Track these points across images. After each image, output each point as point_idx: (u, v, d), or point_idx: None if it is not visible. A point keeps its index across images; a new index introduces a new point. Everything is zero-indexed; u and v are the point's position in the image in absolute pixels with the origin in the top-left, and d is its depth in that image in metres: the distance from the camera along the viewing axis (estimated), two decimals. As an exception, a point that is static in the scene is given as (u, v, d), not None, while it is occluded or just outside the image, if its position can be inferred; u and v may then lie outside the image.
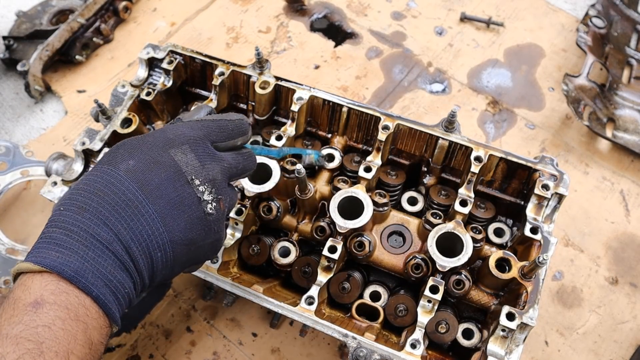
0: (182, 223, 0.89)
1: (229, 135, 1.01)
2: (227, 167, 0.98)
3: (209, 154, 0.95)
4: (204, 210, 0.91)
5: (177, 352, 1.59)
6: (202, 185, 0.91)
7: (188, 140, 0.94)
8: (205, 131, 0.97)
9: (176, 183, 0.89)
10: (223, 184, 0.97)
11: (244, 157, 1.04)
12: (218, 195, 0.94)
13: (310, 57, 2.16)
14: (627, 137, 1.92)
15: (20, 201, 1.86)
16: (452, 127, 1.35)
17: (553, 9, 2.30)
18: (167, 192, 0.88)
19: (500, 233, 1.40)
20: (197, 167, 0.92)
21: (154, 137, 0.94)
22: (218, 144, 0.99)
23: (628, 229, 1.78)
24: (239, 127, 1.03)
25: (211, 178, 0.93)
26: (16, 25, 2.19)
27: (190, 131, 0.96)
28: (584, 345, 1.59)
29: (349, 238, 1.26)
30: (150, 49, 1.53)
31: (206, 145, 0.96)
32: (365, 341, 1.16)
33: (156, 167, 0.89)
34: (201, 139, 0.96)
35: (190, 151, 0.92)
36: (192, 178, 0.90)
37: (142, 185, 0.86)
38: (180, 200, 0.89)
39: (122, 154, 0.90)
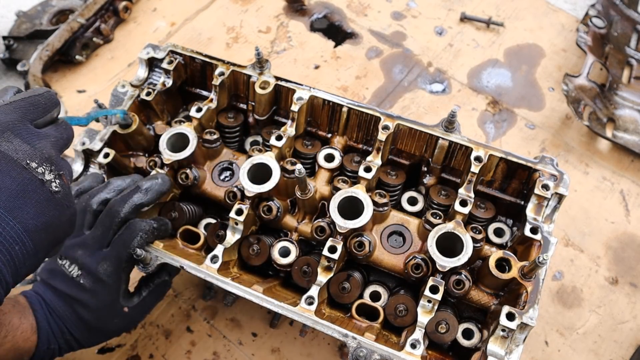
0: (32, 210, 0.86)
1: (44, 110, 0.98)
2: (55, 142, 0.96)
3: (34, 133, 0.92)
4: (50, 190, 0.89)
5: (177, 352, 1.59)
6: (40, 166, 0.89)
7: (7, 126, 0.89)
8: (20, 112, 0.93)
9: (12, 173, 0.85)
10: (58, 159, 0.95)
11: (64, 128, 1.02)
12: (59, 171, 0.92)
13: (310, 57, 2.16)
14: (627, 137, 1.92)
15: (20, 201, 1.85)
16: (452, 127, 1.35)
17: (553, 9, 2.30)
18: (5, 185, 0.84)
19: (500, 233, 1.40)
20: (28, 150, 0.88)
21: None
22: (37, 121, 0.96)
23: (628, 229, 1.78)
24: (50, 99, 1.00)
25: (47, 156, 0.91)
26: (16, 25, 2.19)
27: (5, 116, 0.91)
28: (584, 345, 1.59)
29: (349, 238, 1.26)
30: (150, 49, 1.53)
31: (27, 127, 0.92)
32: (365, 341, 1.16)
33: None
34: (20, 121, 0.92)
35: (15, 136, 0.89)
36: (27, 162, 0.87)
37: None
38: (22, 187, 0.86)
39: None
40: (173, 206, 1.38)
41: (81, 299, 1.21)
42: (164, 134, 1.38)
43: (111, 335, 1.33)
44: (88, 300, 1.21)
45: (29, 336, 1.18)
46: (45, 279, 1.25)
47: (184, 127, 1.39)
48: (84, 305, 1.21)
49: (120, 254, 1.21)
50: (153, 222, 1.27)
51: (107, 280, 1.21)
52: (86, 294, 1.21)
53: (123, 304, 1.26)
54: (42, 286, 1.25)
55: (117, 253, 1.21)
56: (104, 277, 1.20)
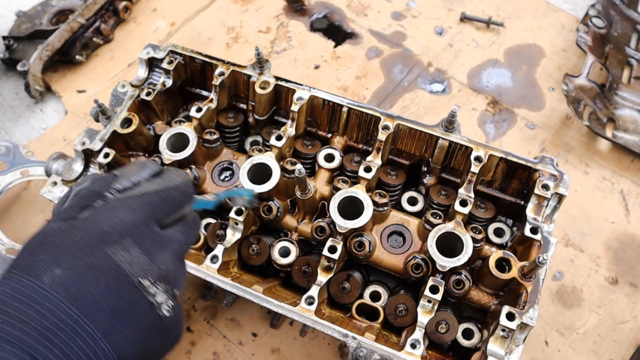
0: (132, 335, 0.73)
1: (176, 207, 0.86)
2: (178, 249, 0.84)
3: (157, 240, 0.80)
4: (158, 314, 0.76)
5: (177, 352, 1.59)
6: (153, 285, 0.76)
7: (129, 230, 0.77)
8: (148, 211, 0.81)
9: (120, 290, 0.73)
10: (177, 272, 0.82)
11: (191, 227, 0.89)
12: (173, 291, 0.79)
13: (310, 57, 2.16)
14: (627, 137, 1.92)
15: (20, 201, 1.86)
16: (452, 127, 1.35)
17: (553, 9, 2.30)
18: (109, 303, 0.71)
19: (500, 233, 1.40)
20: (145, 264, 0.76)
21: (84, 232, 0.76)
22: (164, 220, 0.84)
23: (628, 229, 1.78)
24: (186, 193, 0.88)
25: (164, 274, 0.78)
26: (16, 25, 2.19)
27: (130, 215, 0.78)
28: (584, 345, 1.59)
29: (349, 238, 1.26)
30: (150, 49, 1.53)
31: (151, 230, 0.80)
32: (365, 341, 1.16)
33: (92, 275, 0.72)
34: (144, 223, 0.79)
35: (134, 245, 0.76)
36: (140, 280, 0.74)
37: (75, 300, 0.69)
38: (127, 308, 0.73)
39: (44, 260, 0.72)
40: (173, 206, 1.38)
41: None
42: (164, 134, 1.38)
43: None
44: None
45: None
46: None
47: (184, 127, 1.39)
48: None
49: None
50: None
51: None
52: None
53: None
54: None
55: None
56: None
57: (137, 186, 0.86)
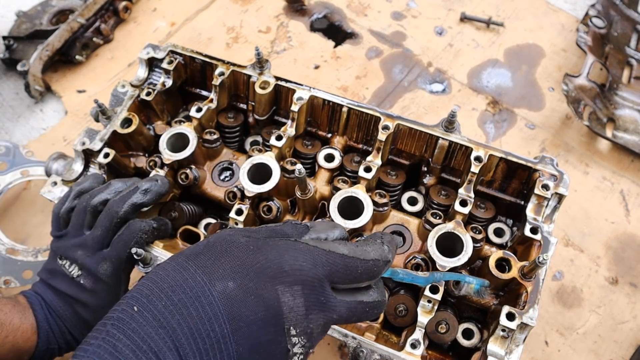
0: None
1: (355, 279, 0.86)
2: (334, 319, 0.84)
3: (322, 301, 0.81)
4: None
5: (177, 352, 1.59)
6: (297, 336, 0.78)
7: (303, 281, 0.79)
8: (327, 270, 0.82)
9: (271, 328, 0.76)
10: (321, 335, 0.84)
11: (364, 308, 0.88)
12: (309, 349, 0.81)
13: (310, 57, 2.16)
14: (627, 137, 1.92)
15: (20, 201, 1.86)
16: (452, 127, 1.35)
17: (553, 9, 2.30)
18: (256, 335, 0.75)
19: (500, 233, 1.40)
20: (300, 315, 0.78)
21: (267, 260, 0.80)
22: (338, 285, 0.85)
23: (628, 229, 1.78)
24: (371, 271, 0.87)
25: (310, 332, 0.80)
26: (16, 25, 2.19)
27: (312, 268, 0.81)
28: (584, 345, 1.59)
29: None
30: (150, 49, 1.53)
31: (322, 290, 0.81)
32: (365, 341, 1.16)
33: (256, 302, 0.76)
34: (319, 280, 0.81)
35: (301, 295, 0.79)
36: (289, 327, 0.77)
37: (233, 318, 0.74)
38: (268, 347, 0.76)
39: (224, 268, 0.78)
40: (173, 206, 1.38)
41: (81, 299, 1.21)
42: (164, 134, 1.38)
43: None
44: (88, 301, 1.21)
45: (29, 336, 1.18)
46: (45, 279, 1.25)
47: (184, 127, 1.39)
48: (84, 306, 1.21)
49: (120, 254, 1.21)
50: (153, 222, 1.27)
51: (107, 280, 1.21)
52: (86, 294, 1.21)
53: None
54: (42, 286, 1.25)
55: (117, 253, 1.21)
56: (104, 277, 1.20)
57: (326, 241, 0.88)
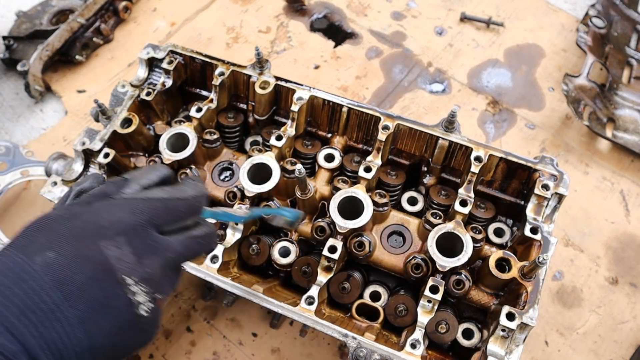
0: (107, 327, 0.77)
1: (179, 218, 0.88)
2: (172, 258, 0.85)
3: (150, 244, 0.82)
4: (136, 313, 0.79)
5: (177, 352, 1.59)
6: (136, 285, 0.79)
7: (125, 230, 0.80)
8: (148, 215, 0.83)
9: (103, 283, 0.76)
10: (164, 279, 0.84)
11: (198, 241, 0.90)
12: (155, 294, 0.82)
13: (310, 57, 2.16)
14: (627, 137, 1.92)
15: (20, 201, 1.86)
16: (452, 127, 1.35)
17: (553, 9, 2.30)
18: (91, 293, 0.75)
19: (500, 233, 1.40)
20: (132, 263, 0.79)
21: (83, 222, 0.80)
22: (164, 227, 0.86)
23: (628, 229, 1.78)
24: (192, 206, 0.89)
25: (148, 276, 0.81)
26: (16, 25, 2.19)
27: (130, 217, 0.82)
28: (584, 345, 1.59)
29: (349, 238, 1.26)
30: (150, 49, 1.53)
31: (147, 234, 0.82)
32: (365, 341, 1.16)
33: (81, 263, 0.75)
34: (142, 226, 0.82)
35: (126, 244, 0.79)
36: (124, 277, 0.78)
37: (61, 285, 0.73)
38: (107, 302, 0.76)
39: (40, 241, 0.77)
40: (173, 206, 1.38)
41: None
42: (164, 134, 1.38)
43: None
44: None
45: None
46: None
47: (184, 127, 1.39)
48: None
49: None
50: None
51: None
52: None
53: None
54: None
55: None
56: None
57: (146, 190, 0.89)
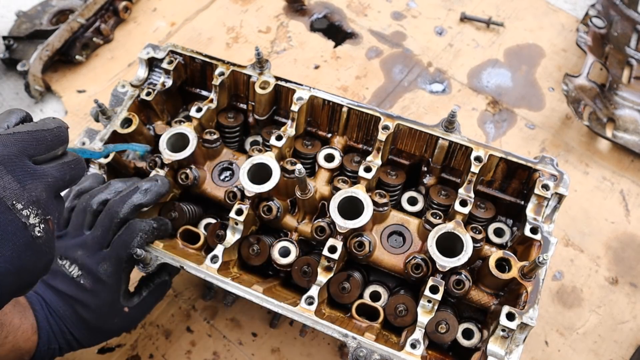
0: (8, 252, 0.81)
1: (48, 147, 0.92)
2: (51, 183, 0.90)
3: (28, 172, 0.86)
4: (32, 234, 0.84)
5: (177, 352, 1.59)
6: (25, 208, 0.83)
7: (1, 161, 0.83)
8: (20, 146, 0.87)
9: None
10: (49, 202, 0.89)
11: (71, 166, 0.95)
12: (45, 216, 0.87)
13: (310, 57, 2.16)
14: (627, 137, 1.92)
15: (20, 201, 1.86)
16: (452, 127, 1.35)
17: (553, 9, 2.30)
18: None
19: (500, 233, 1.40)
20: (16, 189, 0.83)
21: None
22: (37, 157, 0.90)
23: (628, 229, 1.78)
24: (58, 136, 0.94)
25: (35, 199, 0.85)
26: (16, 25, 2.19)
27: (3, 149, 0.85)
28: (584, 345, 1.59)
29: (349, 238, 1.26)
30: (150, 49, 1.53)
31: (23, 163, 0.86)
32: (365, 341, 1.16)
33: None
34: (16, 156, 0.86)
35: (6, 173, 0.83)
36: (13, 203, 0.82)
37: None
38: (2, 228, 0.81)
39: None
40: (173, 206, 1.38)
41: (81, 299, 1.21)
42: (164, 134, 1.38)
43: (111, 335, 1.33)
44: (88, 301, 1.21)
45: (30, 336, 1.18)
46: (45, 279, 1.25)
47: (184, 127, 1.39)
48: (84, 306, 1.21)
49: (120, 254, 1.21)
50: (153, 222, 1.27)
51: (107, 280, 1.21)
52: (86, 294, 1.21)
53: (123, 304, 1.26)
54: (42, 286, 1.25)
55: (116, 253, 1.21)
56: (104, 277, 1.21)
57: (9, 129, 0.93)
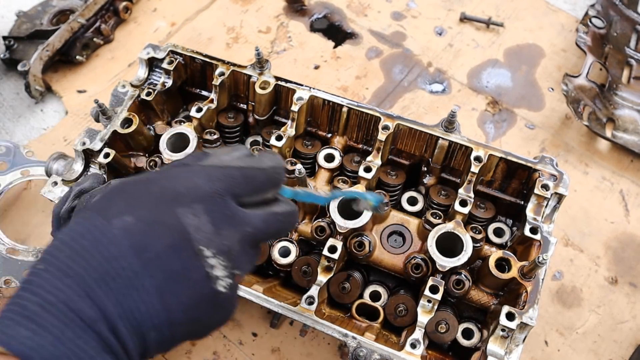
0: (185, 300, 0.73)
1: (258, 189, 0.83)
2: (250, 233, 0.80)
3: (229, 215, 0.78)
4: (213, 287, 0.75)
5: (177, 352, 1.59)
6: (214, 257, 0.74)
7: (202, 197, 0.76)
8: (226, 184, 0.79)
9: (182, 253, 0.72)
10: (242, 254, 0.80)
11: (279, 219, 0.85)
12: (234, 270, 0.77)
13: (310, 57, 2.16)
14: (627, 137, 1.92)
15: (20, 201, 1.86)
16: (452, 127, 1.35)
17: (553, 9, 2.30)
18: (169, 263, 0.72)
19: (500, 233, 1.40)
20: (210, 234, 0.75)
21: (161, 188, 0.77)
22: (244, 198, 0.81)
23: (628, 229, 1.78)
24: (272, 177, 0.84)
25: (226, 249, 0.76)
26: (16, 25, 2.19)
27: (207, 183, 0.77)
28: (584, 345, 1.59)
29: (349, 238, 1.26)
30: (150, 49, 1.53)
31: (225, 204, 0.78)
32: (365, 341, 1.16)
33: (159, 230, 0.72)
34: (220, 195, 0.77)
35: (204, 212, 0.75)
36: (202, 248, 0.73)
37: (139, 252, 0.70)
38: (185, 274, 0.72)
39: (118, 205, 0.74)
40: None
41: None
42: (164, 134, 1.38)
43: None
44: None
45: None
46: None
47: (184, 127, 1.39)
48: None
49: None
50: None
51: None
52: None
53: None
54: None
55: None
56: None
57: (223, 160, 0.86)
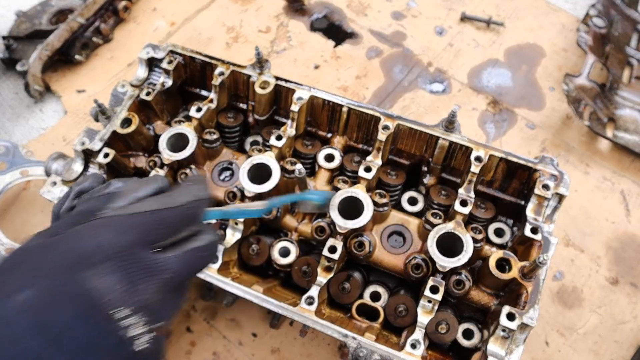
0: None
1: (172, 231, 0.77)
2: (169, 278, 0.74)
3: (143, 267, 0.71)
4: (132, 350, 0.68)
5: (177, 352, 1.59)
6: (130, 316, 0.68)
7: (112, 255, 0.69)
8: (137, 234, 0.72)
9: (89, 321, 0.65)
10: (164, 303, 0.74)
11: (198, 254, 0.79)
12: (154, 323, 0.71)
13: (310, 57, 2.16)
14: (628, 137, 1.91)
15: (19, 201, 1.85)
16: (452, 127, 1.35)
17: (553, 9, 2.30)
18: (77, 335, 0.64)
19: (501, 233, 1.40)
20: (122, 292, 0.68)
21: (63, 251, 0.69)
22: (159, 243, 0.75)
23: (628, 229, 1.77)
24: (186, 215, 0.79)
25: (145, 303, 0.70)
26: (16, 25, 2.18)
27: (116, 237, 0.71)
28: (585, 346, 1.59)
29: (349, 238, 1.26)
30: (150, 49, 1.53)
31: (138, 256, 0.71)
32: (365, 341, 1.16)
33: (62, 301, 0.65)
34: (131, 247, 0.71)
35: (115, 270, 0.68)
36: (112, 312, 0.66)
37: (43, 329, 0.63)
38: (97, 342, 0.65)
39: (16, 278, 0.67)
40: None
41: None
42: (164, 134, 1.37)
43: None
44: None
45: None
46: None
47: (184, 127, 1.39)
48: None
49: None
50: None
51: None
52: None
53: None
54: None
55: None
56: None
57: (134, 203, 0.80)
